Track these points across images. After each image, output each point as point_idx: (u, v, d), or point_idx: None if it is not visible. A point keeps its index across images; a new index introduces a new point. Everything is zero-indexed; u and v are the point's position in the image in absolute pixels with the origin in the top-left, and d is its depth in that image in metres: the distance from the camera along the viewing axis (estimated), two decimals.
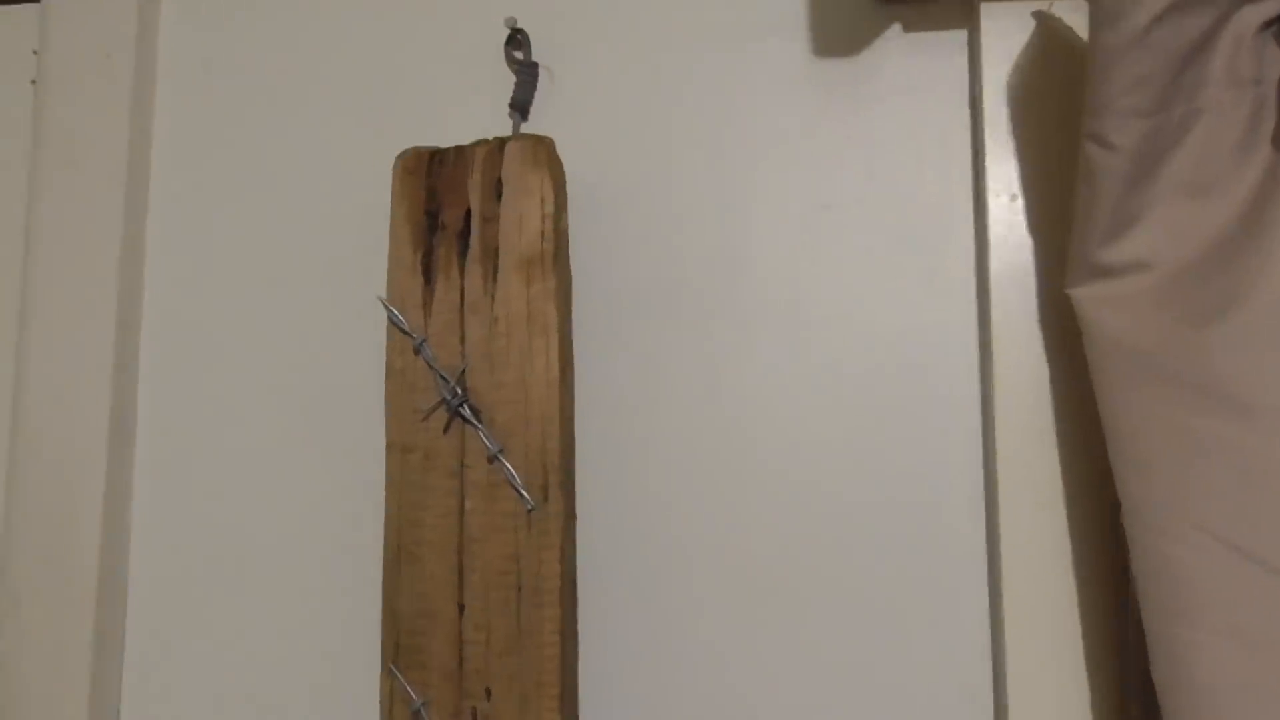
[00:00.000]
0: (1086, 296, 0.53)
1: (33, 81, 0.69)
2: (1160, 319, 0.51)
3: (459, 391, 0.56)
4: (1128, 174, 0.51)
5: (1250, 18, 0.51)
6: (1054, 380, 0.58)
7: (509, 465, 0.56)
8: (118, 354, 0.65)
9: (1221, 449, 0.48)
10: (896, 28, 0.63)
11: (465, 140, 0.61)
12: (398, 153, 0.61)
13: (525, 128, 0.63)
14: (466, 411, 0.56)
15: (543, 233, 0.57)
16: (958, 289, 0.60)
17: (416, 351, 0.58)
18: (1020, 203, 0.59)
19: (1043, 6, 0.60)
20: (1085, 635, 0.56)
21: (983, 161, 0.61)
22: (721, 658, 0.59)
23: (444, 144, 0.61)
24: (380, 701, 0.56)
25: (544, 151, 0.58)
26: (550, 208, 0.57)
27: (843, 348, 0.61)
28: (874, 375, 0.61)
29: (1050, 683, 0.56)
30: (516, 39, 0.66)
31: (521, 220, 0.58)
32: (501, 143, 0.59)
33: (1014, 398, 0.58)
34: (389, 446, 0.58)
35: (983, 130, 0.60)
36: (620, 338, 0.62)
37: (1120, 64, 0.49)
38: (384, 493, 0.58)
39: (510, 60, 0.66)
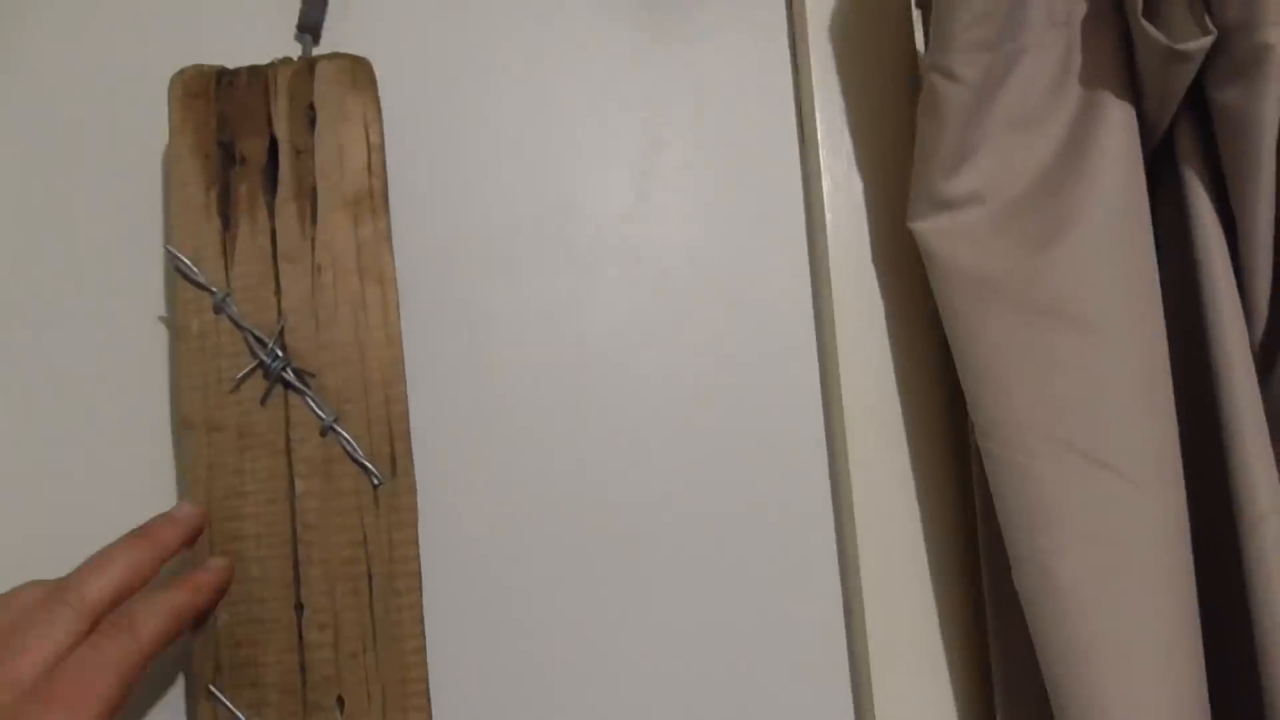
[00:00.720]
0: (930, 229, 0.55)
1: None
2: (1000, 246, 0.54)
3: (279, 353, 0.48)
4: (969, 105, 0.53)
5: None
6: (890, 316, 0.59)
7: (348, 435, 0.48)
8: None
9: (1070, 364, 0.51)
10: None
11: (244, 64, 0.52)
12: (168, 73, 0.51)
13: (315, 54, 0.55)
14: (290, 376, 0.48)
15: (369, 165, 0.50)
16: (790, 229, 0.60)
17: (217, 310, 0.48)
18: (845, 143, 0.60)
19: None
20: (935, 564, 0.58)
21: (804, 100, 0.60)
22: (568, 633, 0.54)
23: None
24: None
25: (364, 73, 0.51)
26: (377, 137, 0.50)
27: (680, 292, 0.59)
28: (712, 319, 0.59)
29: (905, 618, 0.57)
30: None
31: (343, 152, 0.50)
32: (310, 63, 0.51)
33: (852, 335, 0.58)
34: (185, 427, 0.48)
35: (805, 70, 0.60)
36: (442, 289, 0.56)
37: None
38: (181, 483, 0.47)
39: None
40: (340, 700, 0.47)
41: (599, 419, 0.57)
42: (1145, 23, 0.51)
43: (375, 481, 0.48)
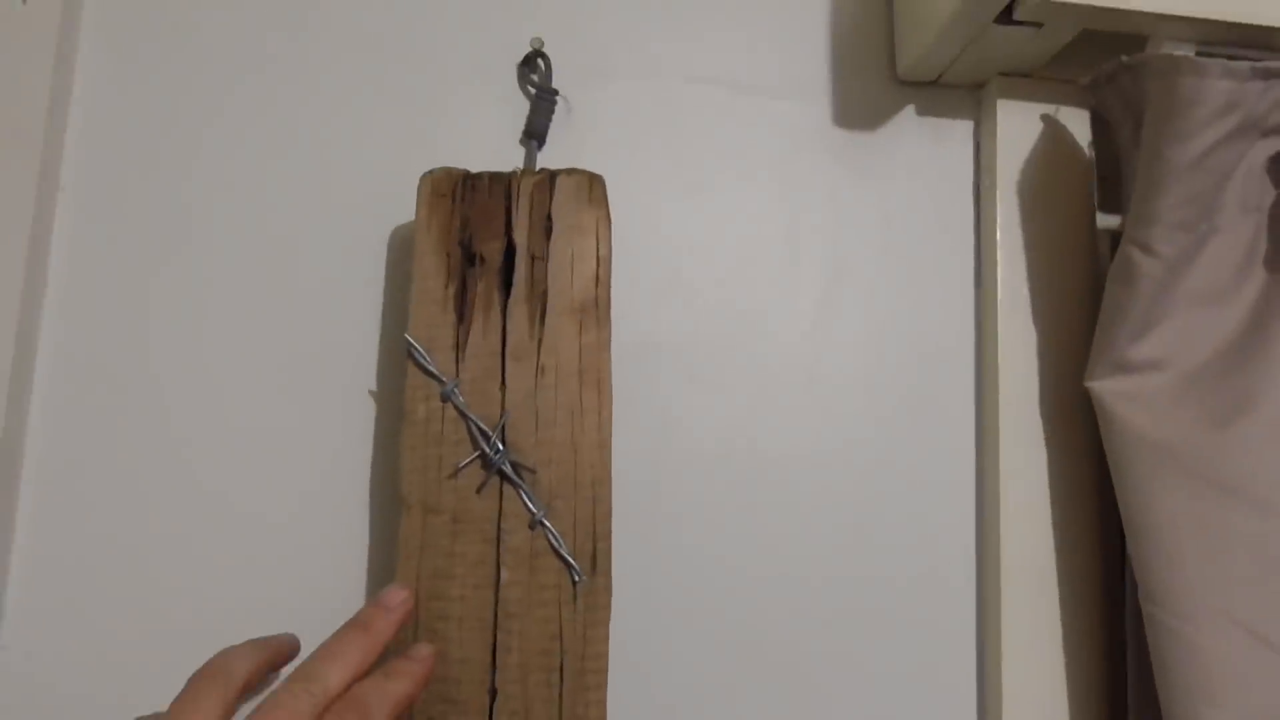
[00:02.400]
0: (1109, 390, 0.57)
1: None
2: (1179, 416, 0.56)
3: (500, 446, 0.50)
4: (1161, 278, 0.55)
5: (1261, 151, 0.57)
6: (1052, 468, 0.61)
7: (555, 531, 0.50)
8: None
9: (1244, 542, 0.53)
10: (911, 108, 0.65)
11: (473, 165, 0.56)
12: (403, 171, 0.55)
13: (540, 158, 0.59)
14: (508, 469, 0.50)
15: (597, 277, 0.53)
16: (961, 369, 0.62)
17: (445, 399, 0.51)
18: (1023, 294, 0.62)
19: (1049, 111, 0.63)
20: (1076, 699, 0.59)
21: (985, 247, 0.63)
22: None
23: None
24: None
25: (599, 189, 0.54)
26: (606, 250, 0.53)
27: (851, 414, 0.61)
28: (878, 444, 0.61)
29: None
30: (535, 62, 0.61)
31: (575, 261, 0.53)
32: (551, 175, 0.54)
33: (1014, 483, 0.60)
34: (407, 507, 0.50)
35: (989, 219, 0.63)
36: (636, 392, 0.58)
37: (1180, 182, 0.53)
38: (399, 559, 0.50)
39: (525, 84, 0.61)
40: None
41: (767, 528, 0.59)
42: None
43: (576, 578, 0.50)
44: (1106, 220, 0.60)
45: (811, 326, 0.62)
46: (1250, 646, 0.52)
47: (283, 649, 0.47)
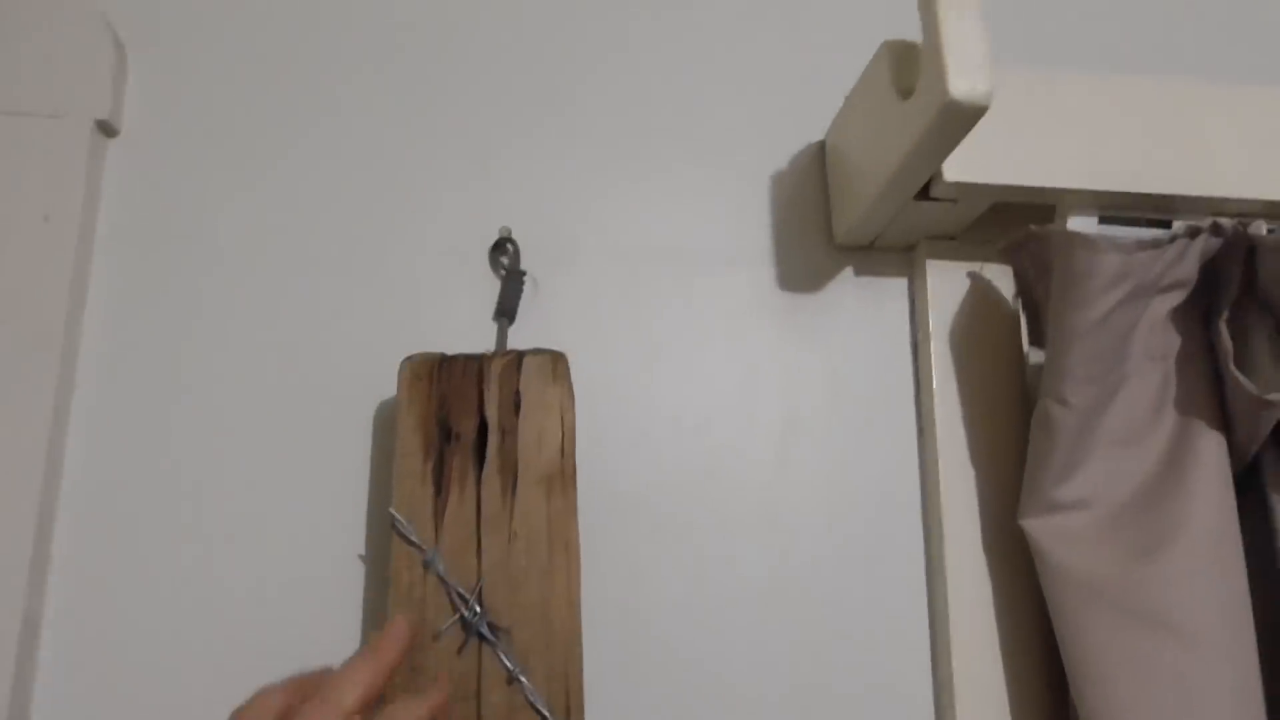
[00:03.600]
0: (1039, 528, 0.62)
1: None
2: (1103, 552, 0.61)
3: (478, 609, 0.55)
4: (1078, 426, 0.61)
5: (1159, 307, 0.63)
6: (998, 599, 0.65)
7: (530, 686, 0.55)
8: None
9: (1170, 672, 0.57)
10: (849, 270, 0.71)
11: (451, 342, 0.62)
12: (387, 348, 0.61)
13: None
14: (485, 630, 0.55)
15: (562, 449, 0.58)
16: (908, 507, 0.67)
17: (426, 566, 0.56)
18: (960, 436, 0.68)
19: (975, 268, 0.70)
20: None
21: (924, 396, 0.69)
22: None
23: (421, 347, 0.61)
24: None
25: (562, 366, 0.60)
26: (570, 423, 0.59)
27: (809, 556, 0.66)
28: (836, 580, 0.66)
29: None
30: (505, 246, 0.67)
31: (541, 435, 0.58)
32: (519, 356, 0.60)
33: (964, 614, 0.65)
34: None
35: (925, 369, 0.69)
36: (601, 545, 0.63)
37: (1083, 342, 0.59)
38: None
39: (496, 267, 0.68)
40: None
41: (734, 667, 0.63)
42: (1236, 371, 0.59)
43: None
44: (1038, 355, 0.66)
45: (769, 476, 0.67)
46: None
47: (389, 656, 0.51)
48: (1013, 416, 0.68)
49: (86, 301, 0.64)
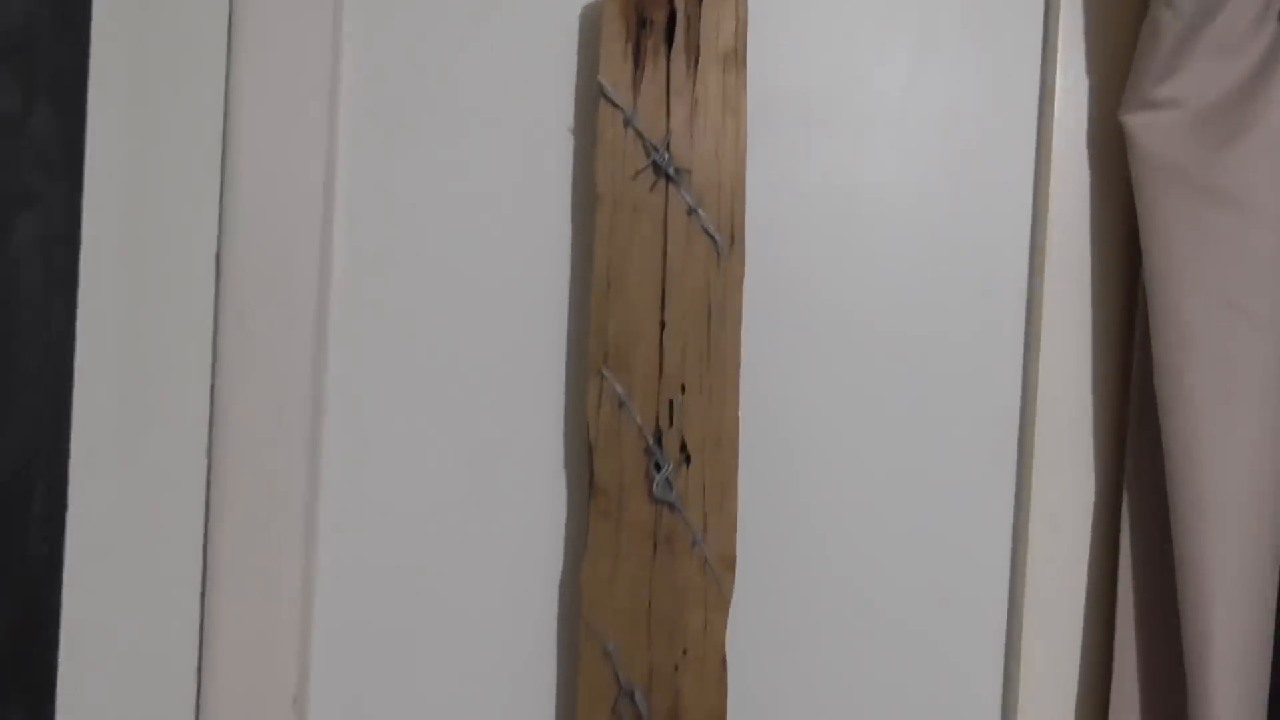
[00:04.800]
0: (1136, 122, 0.73)
1: None
2: (1187, 143, 0.72)
3: (667, 156, 0.71)
4: (1182, 31, 0.71)
5: None
6: (1096, 194, 0.78)
7: (704, 215, 0.72)
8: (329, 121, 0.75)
9: (1227, 234, 0.70)
10: None
11: None
12: None
13: None
14: (672, 172, 0.71)
15: (736, 33, 0.72)
16: (1024, 113, 0.79)
17: (626, 124, 0.72)
18: (1079, 45, 0.78)
19: None
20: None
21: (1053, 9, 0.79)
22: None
23: None
24: (589, 398, 0.72)
25: None
26: (744, 12, 0.72)
27: (933, 156, 0.79)
28: (955, 180, 0.79)
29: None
30: None
31: (719, 21, 0.72)
32: None
33: (1063, 206, 0.78)
34: (600, 200, 0.72)
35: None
36: (768, 128, 0.78)
37: None
38: (595, 241, 0.72)
39: None
40: (683, 387, 0.72)
41: (864, 258, 0.79)
42: None
43: (719, 248, 0.72)
44: None
45: (904, 82, 0.79)
46: (1220, 309, 0.70)
47: None
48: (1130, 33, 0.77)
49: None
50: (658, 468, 0.71)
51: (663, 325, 0.72)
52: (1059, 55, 0.79)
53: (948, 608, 0.79)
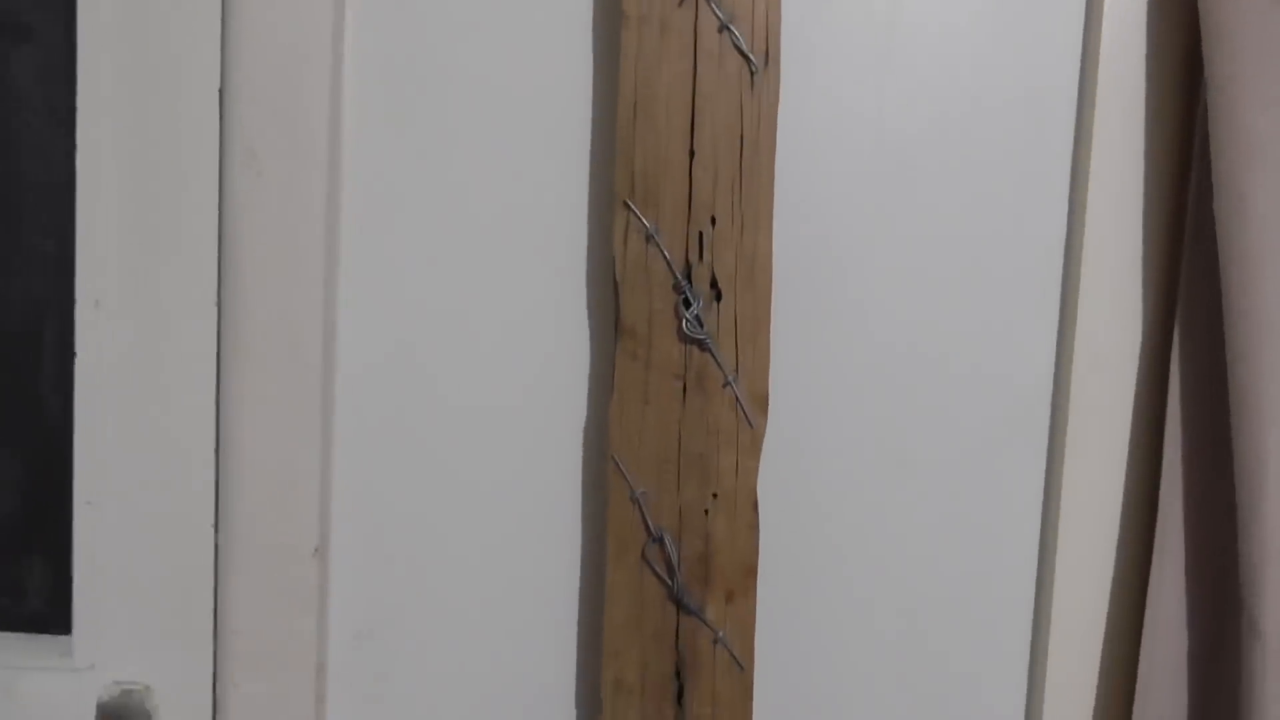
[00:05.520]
0: None
1: None
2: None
3: None
4: None
5: None
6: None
7: (737, 32, 0.67)
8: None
9: None
10: None
11: None
12: None
13: None
14: None
15: None
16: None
17: None
18: None
19: None
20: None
21: None
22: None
23: None
24: (615, 232, 0.68)
25: None
26: None
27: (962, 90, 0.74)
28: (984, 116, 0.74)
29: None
30: None
31: None
32: None
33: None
34: (625, 19, 0.67)
35: None
36: None
37: None
38: (620, 65, 0.67)
39: None
40: (713, 219, 0.68)
41: (905, 84, 0.74)
42: None
43: (753, 69, 0.67)
44: None
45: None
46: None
47: None
48: None
49: None
50: (687, 304, 0.68)
51: (692, 154, 0.68)
52: None
53: (988, 442, 0.76)
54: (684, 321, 0.68)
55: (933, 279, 0.75)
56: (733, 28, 0.67)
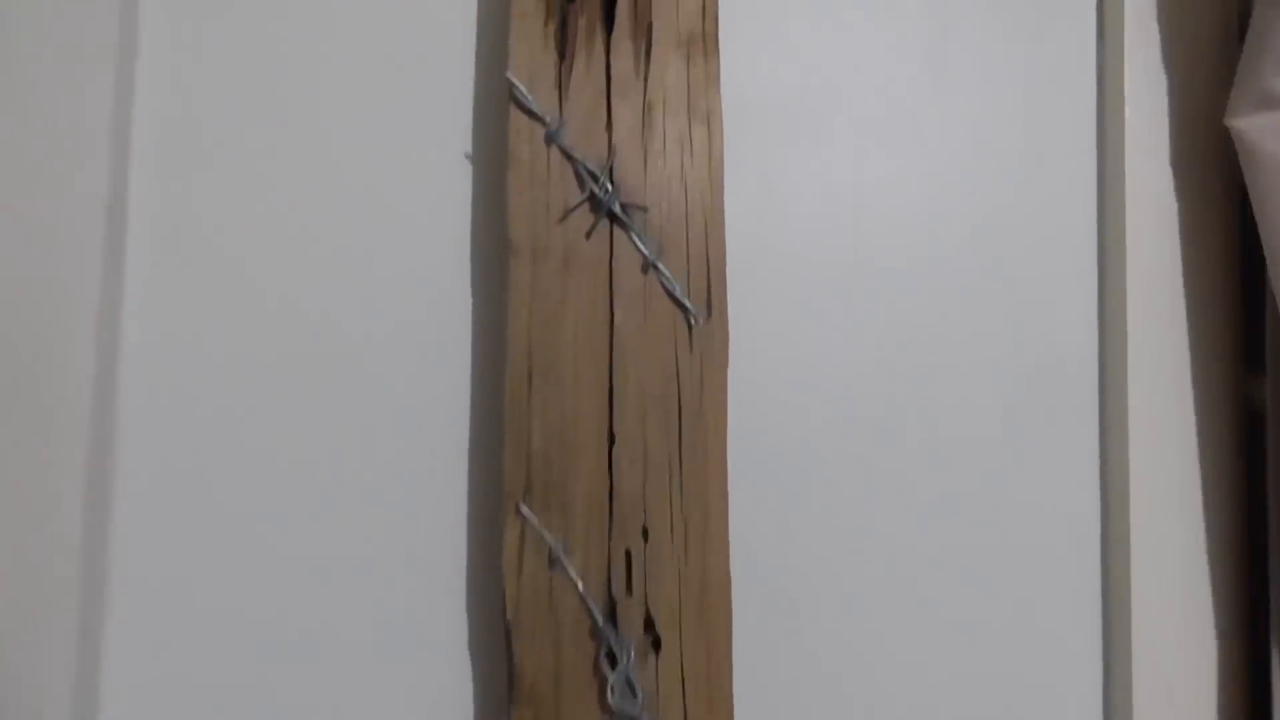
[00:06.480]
0: (1253, 127, 0.53)
1: None
2: None
3: (609, 187, 0.48)
4: None
5: None
6: (1184, 218, 0.58)
7: (668, 273, 0.48)
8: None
9: None
10: None
11: None
12: None
13: None
14: (619, 210, 0.48)
15: (704, 7, 0.50)
16: (1081, 118, 0.59)
17: (549, 140, 0.49)
18: (1151, 36, 0.58)
19: None
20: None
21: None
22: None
23: None
24: (505, 549, 0.47)
25: None
26: None
27: (960, 178, 0.58)
28: (994, 217, 0.58)
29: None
30: None
31: None
32: None
33: (1142, 233, 0.57)
34: (513, 251, 0.48)
35: None
36: (736, 140, 0.55)
37: None
38: (508, 307, 0.48)
39: None
40: (645, 531, 0.47)
41: (870, 273, 0.56)
42: None
43: (692, 319, 0.48)
44: None
45: (917, 82, 0.58)
46: None
47: None
48: (1216, 19, 0.58)
49: None
50: (611, 659, 0.46)
51: (612, 436, 0.48)
52: (1124, 48, 0.58)
53: None
54: (609, 686, 0.46)
55: (935, 602, 0.55)
56: (661, 265, 0.48)
